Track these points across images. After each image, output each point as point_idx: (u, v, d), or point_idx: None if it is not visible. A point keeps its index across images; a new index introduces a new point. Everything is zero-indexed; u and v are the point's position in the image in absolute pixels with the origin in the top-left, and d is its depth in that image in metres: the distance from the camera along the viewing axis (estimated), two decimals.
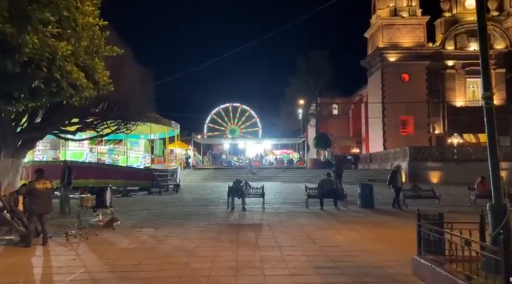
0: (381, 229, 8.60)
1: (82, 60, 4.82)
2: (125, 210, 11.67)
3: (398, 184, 12.38)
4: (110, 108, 9.81)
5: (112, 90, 8.72)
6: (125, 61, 9.11)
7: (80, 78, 4.56)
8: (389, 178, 12.42)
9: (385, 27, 39.66)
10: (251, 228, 8.60)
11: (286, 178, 27.37)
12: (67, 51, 4.23)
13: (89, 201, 7.64)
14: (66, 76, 4.33)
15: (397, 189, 12.29)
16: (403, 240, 7.35)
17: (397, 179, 12.34)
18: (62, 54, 4.15)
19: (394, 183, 12.31)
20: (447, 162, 26.36)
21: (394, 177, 12.38)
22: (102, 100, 9.04)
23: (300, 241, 7.23)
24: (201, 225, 8.95)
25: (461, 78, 38.96)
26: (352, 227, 8.76)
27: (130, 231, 8.25)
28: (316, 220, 9.91)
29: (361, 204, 12.45)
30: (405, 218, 10.25)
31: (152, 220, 9.88)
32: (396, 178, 12.33)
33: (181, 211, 11.72)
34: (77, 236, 7.48)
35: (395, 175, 12.47)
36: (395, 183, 12.30)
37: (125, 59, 9.19)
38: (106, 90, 5.89)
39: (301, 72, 43.73)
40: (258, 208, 12.12)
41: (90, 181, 14.78)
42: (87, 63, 4.88)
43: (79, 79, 4.53)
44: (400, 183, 12.46)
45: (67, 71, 4.33)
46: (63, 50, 4.13)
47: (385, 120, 38.78)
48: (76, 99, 4.91)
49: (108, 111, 9.72)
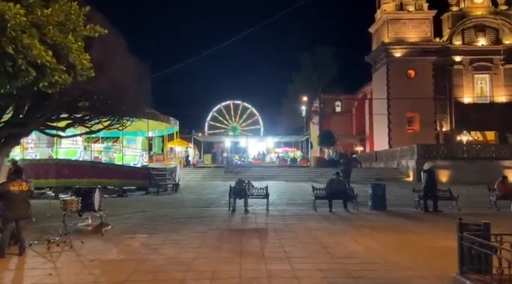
0: (400, 234, 7.74)
1: (51, 36, 3.95)
2: (119, 212, 10.85)
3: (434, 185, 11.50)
4: (101, 102, 8.93)
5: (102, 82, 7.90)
6: (116, 50, 8.23)
7: (43, 56, 3.69)
8: (430, 180, 11.38)
9: (391, 21, 38.62)
10: (255, 234, 7.74)
11: (290, 177, 26.50)
12: (21, 18, 3.36)
13: (73, 204, 6.79)
14: (23, 51, 3.48)
15: (434, 191, 11.40)
16: (429, 249, 6.49)
17: (436, 180, 11.50)
18: (15, 22, 3.31)
19: (432, 184, 11.37)
20: (456, 160, 25.39)
21: (433, 177, 11.50)
22: (91, 93, 8.16)
23: (311, 251, 6.36)
24: (200, 231, 8.10)
25: (469, 74, 37.94)
26: (368, 232, 7.89)
27: (121, 238, 7.41)
28: (326, 224, 9.05)
29: (372, 205, 11.59)
30: (422, 222, 9.42)
31: (147, 224, 9.03)
32: (435, 179, 11.47)
33: (179, 213, 10.88)
34: (60, 244, 6.64)
35: (434, 175, 11.60)
36: (434, 184, 11.41)
37: (116, 47, 8.32)
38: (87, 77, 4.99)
39: (305, 69, 42.80)
40: (262, 210, 11.27)
41: (83, 181, 14.01)
42: (58, 40, 4.02)
43: (41, 56, 3.66)
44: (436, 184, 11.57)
45: (24, 45, 3.48)
46: (16, 17, 3.28)
47: (391, 117, 37.82)
48: (44, 85, 4.04)
49: (100, 105, 8.84)
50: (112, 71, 7.86)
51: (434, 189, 11.32)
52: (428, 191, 11.14)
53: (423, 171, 12.04)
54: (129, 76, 9.14)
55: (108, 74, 7.77)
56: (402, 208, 12.18)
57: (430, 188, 11.17)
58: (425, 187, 11.25)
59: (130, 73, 9.19)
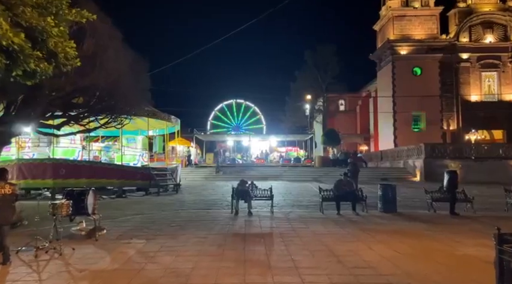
0: (416, 241, 7.16)
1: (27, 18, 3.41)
2: (116, 215, 10.34)
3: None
4: (96, 98, 8.41)
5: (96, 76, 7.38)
6: (111, 41, 7.70)
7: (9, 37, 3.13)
8: (452, 181, 10.78)
9: (396, 18, 37.89)
10: (260, 240, 7.19)
11: (294, 177, 25.94)
12: None
13: (63, 208, 6.26)
14: None
15: (454, 193, 10.82)
16: (451, 258, 5.93)
17: (456, 182, 10.90)
18: None
19: (453, 185, 10.77)
20: (465, 159, 24.74)
21: (455, 179, 10.90)
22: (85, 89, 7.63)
23: (321, 259, 5.81)
24: (200, 236, 7.57)
25: (476, 72, 37.16)
26: (381, 238, 7.32)
27: (116, 244, 6.89)
28: (335, 228, 8.48)
29: (382, 207, 11.00)
30: (438, 226, 8.83)
31: (145, 228, 8.51)
32: (456, 181, 10.87)
33: (179, 216, 10.35)
34: (49, 251, 6.13)
35: (456, 177, 11.01)
36: (455, 185, 10.80)
37: (111, 38, 7.79)
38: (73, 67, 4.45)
39: (308, 67, 42.25)
40: (266, 212, 10.74)
41: (81, 181, 13.51)
42: (34, 23, 3.49)
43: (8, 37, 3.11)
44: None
45: None
46: None
47: (396, 115, 37.12)
48: (18, 73, 3.51)
49: (94, 102, 8.31)
50: (107, 64, 7.33)
51: (453, 190, 10.72)
52: (448, 192, 10.56)
53: (447, 172, 11.47)
54: (126, 71, 8.62)
55: (102, 68, 7.25)
56: (413, 210, 11.62)
57: (451, 189, 10.58)
58: (448, 188, 10.65)
59: (126, 67, 8.67)
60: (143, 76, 10.75)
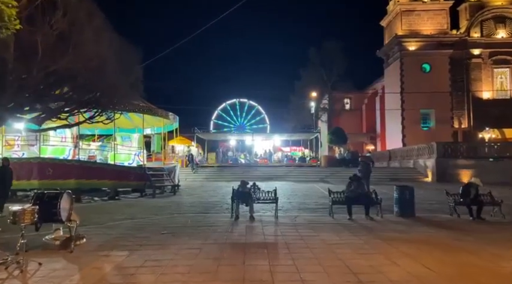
0: (448, 254, 6.04)
1: None
2: (104, 219, 9.33)
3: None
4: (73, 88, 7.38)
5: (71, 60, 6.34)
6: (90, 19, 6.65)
7: None
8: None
9: (404, 13, 36.63)
10: (263, 252, 6.12)
11: (299, 177, 24.86)
12: None
13: (25, 216, 5.22)
14: None
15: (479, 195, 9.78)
16: (497, 278, 4.83)
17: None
18: None
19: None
20: (480, 159, 23.48)
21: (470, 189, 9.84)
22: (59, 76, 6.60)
23: (338, 279, 4.73)
24: (194, 246, 6.51)
25: (488, 68, 35.82)
26: (406, 250, 6.21)
27: (93, 257, 5.84)
28: (350, 236, 7.38)
29: (399, 211, 9.89)
30: (468, 234, 7.71)
31: (132, 235, 7.47)
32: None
33: (173, 221, 9.30)
34: (9, 267, 5.10)
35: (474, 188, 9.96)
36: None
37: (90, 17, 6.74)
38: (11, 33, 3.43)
39: (313, 64, 41.14)
40: (270, 217, 9.68)
41: (69, 182, 12.55)
42: None
43: None
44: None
45: None
46: None
47: (405, 114, 35.87)
48: None
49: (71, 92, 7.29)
50: (84, 47, 6.29)
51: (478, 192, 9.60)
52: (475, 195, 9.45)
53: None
54: (111, 58, 7.57)
55: (79, 50, 6.21)
56: (432, 214, 10.51)
57: (476, 193, 9.47)
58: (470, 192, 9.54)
59: (112, 54, 7.63)
60: (135, 67, 9.72)
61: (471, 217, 9.44)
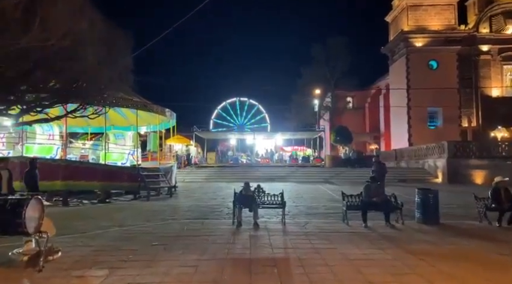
0: (496, 272, 4.98)
1: None
2: (88, 227, 8.22)
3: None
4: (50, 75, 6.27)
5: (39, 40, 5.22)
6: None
7: None
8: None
9: (411, 8, 35.47)
10: (272, 272, 5.02)
11: (303, 178, 23.76)
12: None
13: None
14: None
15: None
16: None
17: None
18: None
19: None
20: (493, 159, 22.34)
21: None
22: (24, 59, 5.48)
23: None
24: (188, 263, 5.40)
25: (498, 65, 34.67)
26: (444, 268, 5.12)
27: (64, 278, 4.75)
28: (373, 249, 6.27)
29: (421, 217, 8.79)
30: (507, 245, 6.63)
31: (116, 248, 6.36)
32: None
33: (167, 228, 8.19)
34: None
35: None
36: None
37: None
38: None
39: (316, 62, 40.03)
40: (276, 223, 8.60)
41: (55, 184, 11.47)
42: None
43: None
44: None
45: None
46: None
47: (411, 112, 34.73)
48: None
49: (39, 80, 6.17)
50: (54, 21, 5.17)
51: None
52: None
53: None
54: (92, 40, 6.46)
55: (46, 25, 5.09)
56: (458, 220, 9.42)
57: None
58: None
59: (93, 35, 6.51)
60: (123, 54, 8.58)
61: (497, 224, 8.38)
